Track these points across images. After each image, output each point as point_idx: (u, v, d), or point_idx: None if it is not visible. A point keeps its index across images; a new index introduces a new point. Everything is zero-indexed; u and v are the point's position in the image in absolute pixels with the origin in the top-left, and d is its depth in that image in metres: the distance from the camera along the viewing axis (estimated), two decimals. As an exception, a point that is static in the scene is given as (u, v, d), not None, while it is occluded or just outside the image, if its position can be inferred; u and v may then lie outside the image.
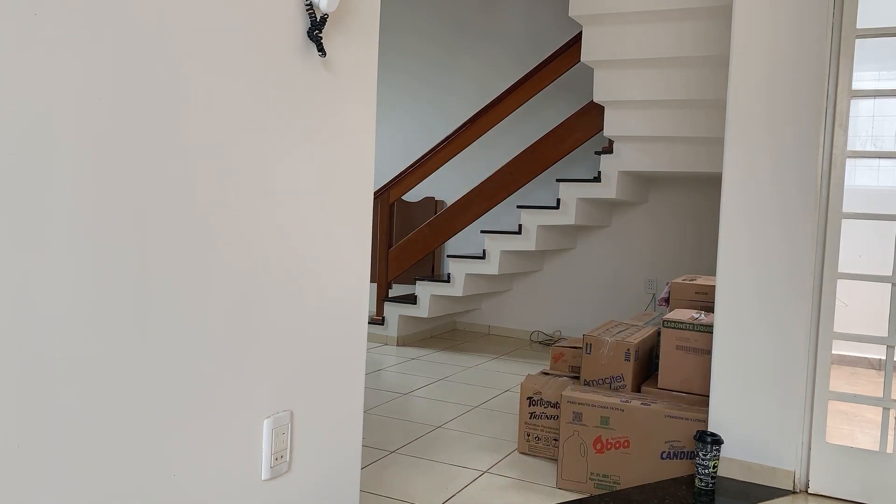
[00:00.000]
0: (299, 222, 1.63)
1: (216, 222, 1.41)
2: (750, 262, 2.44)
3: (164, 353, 1.32)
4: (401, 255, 5.05)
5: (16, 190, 1.06)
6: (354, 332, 1.86)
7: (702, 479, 2.29)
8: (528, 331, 5.44)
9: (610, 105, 4.27)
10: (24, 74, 1.06)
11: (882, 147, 4.63)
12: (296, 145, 1.60)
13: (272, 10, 1.51)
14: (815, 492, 2.39)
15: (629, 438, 2.42)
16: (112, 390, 1.23)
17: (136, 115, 1.23)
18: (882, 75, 4.59)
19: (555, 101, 5.40)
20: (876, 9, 3.12)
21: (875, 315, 4.42)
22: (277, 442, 1.61)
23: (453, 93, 5.79)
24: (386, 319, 4.99)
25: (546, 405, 2.76)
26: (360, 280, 1.86)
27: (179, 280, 1.34)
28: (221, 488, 1.48)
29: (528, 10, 5.49)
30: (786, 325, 2.39)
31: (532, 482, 2.53)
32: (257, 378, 1.55)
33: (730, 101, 2.46)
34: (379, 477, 2.53)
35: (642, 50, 4.01)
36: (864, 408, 3.41)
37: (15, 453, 1.09)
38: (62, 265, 1.13)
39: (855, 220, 4.14)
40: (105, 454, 1.23)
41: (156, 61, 1.26)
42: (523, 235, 4.75)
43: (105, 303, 1.20)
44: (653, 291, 5.04)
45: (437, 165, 4.92)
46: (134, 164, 1.24)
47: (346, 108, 1.76)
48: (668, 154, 4.27)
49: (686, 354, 2.62)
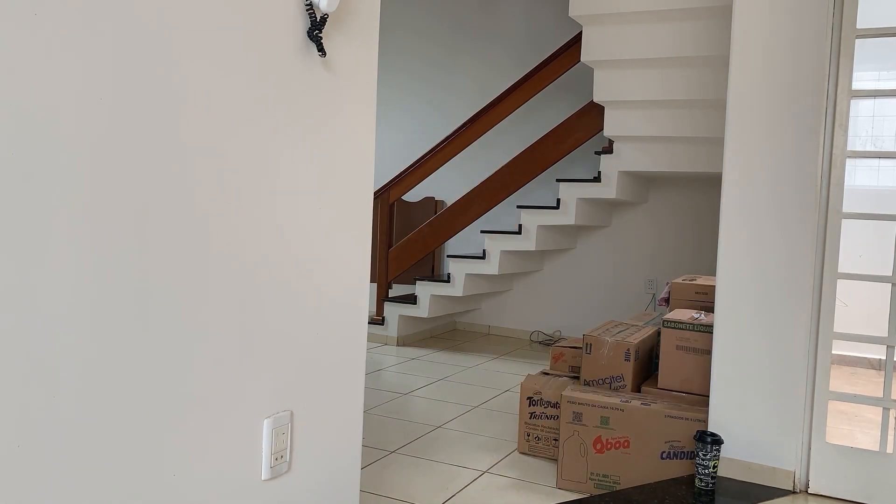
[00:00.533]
0: (299, 222, 1.63)
1: (216, 222, 1.41)
2: (750, 262, 2.44)
3: (163, 353, 1.32)
4: (401, 255, 5.05)
5: (16, 190, 1.06)
6: (354, 332, 1.86)
7: (702, 479, 2.29)
8: (528, 331, 5.44)
9: (610, 105, 4.27)
10: (24, 74, 1.06)
11: (882, 147, 4.63)
12: (295, 145, 1.60)
13: (272, 9, 1.51)
14: (815, 492, 2.39)
15: (629, 438, 2.42)
16: (112, 390, 1.23)
17: (135, 115, 1.23)
18: (882, 75, 4.59)
19: (555, 101, 5.40)
20: (876, 9, 3.12)
21: (875, 315, 4.42)
22: (277, 442, 1.61)
23: (453, 93, 5.79)
24: (386, 319, 4.99)
25: (546, 405, 2.76)
26: (360, 280, 1.86)
27: (179, 280, 1.34)
28: (221, 488, 1.48)
29: (528, 10, 5.49)
30: (786, 325, 2.39)
31: (532, 482, 2.53)
32: (257, 378, 1.55)
33: (730, 101, 2.46)
34: (379, 477, 2.53)
35: (642, 50, 4.01)
36: (864, 408, 3.41)
37: (15, 453, 1.09)
38: (62, 265, 1.13)
39: (855, 220, 4.14)
40: (105, 454, 1.23)
41: (155, 61, 1.26)
42: (523, 235, 4.75)
43: (105, 303, 1.21)
44: (653, 291, 5.04)
45: (437, 165, 4.92)
46: (134, 164, 1.24)
47: (346, 108, 1.76)
48: (668, 154, 4.27)
49: (686, 354, 2.62)
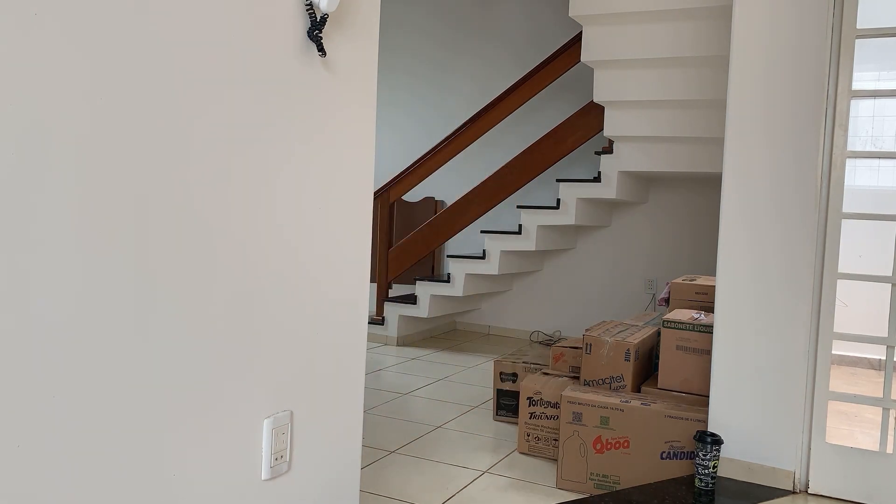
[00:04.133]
0: (299, 222, 1.63)
1: (216, 222, 1.41)
2: (750, 262, 2.44)
3: (163, 354, 1.32)
4: (401, 255, 5.05)
5: (17, 190, 1.06)
6: (354, 332, 1.86)
7: (702, 480, 2.29)
8: (528, 331, 5.44)
9: (610, 105, 4.27)
10: (24, 74, 1.06)
11: (882, 147, 4.63)
12: (295, 145, 1.60)
13: (272, 10, 1.51)
14: (815, 492, 2.39)
15: (629, 438, 2.42)
16: (112, 390, 1.23)
17: (135, 115, 1.23)
18: (882, 75, 4.59)
19: (555, 101, 5.40)
20: (876, 9, 3.12)
21: (875, 315, 4.42)
22: (277, 442, 1.61)
23: (453, 93, 5.79)
24: (386, 319, 4.99)
25: (546, 405, 2.76)
26: (361, 280, 1.86)
27: (179, 280, 1.34)
28: (221, 488, 1.48)
29: (528, 9, 5.49)
30: (786, 325, 2.39)
31: (532, 482, 2.53)
32: (257, 378, 1.55)
33: (729, 101, 2.46)
34: (379, 477, 2.53)
35: (642, 50, 4.01)
36: (864, 408, 3.41)
37: (15, 453, 1.09)
38: (62, 266, 1.13)
39: (855, 220, 4.15)
40: (105, 454, 1.23)
41: (155, 61, 1.26)
42: (523, 235, 4.75)
43: (105, 303, 1.21)
44: (653, 291, 5.04)
45: (437, 165, 4.92)
46: (134, 164, 1.24)
47: (346, 109, 1.76)
48: (668, 154, 4.27)
49: (686, 354, 2.62)
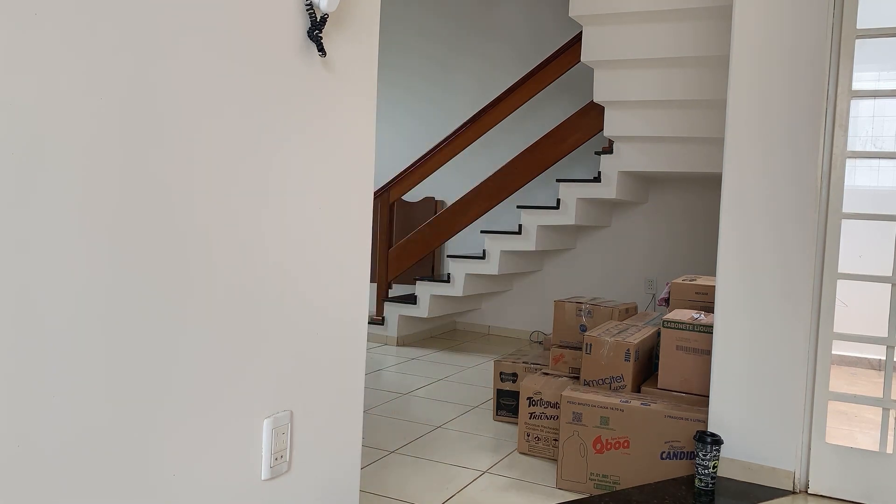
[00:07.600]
0: (301, 223, 1.63)
1: (216, 223, 1.41)
2: (750, 262, 2.44)
3: (163, 354, 1.32)
4: (401, 255, 5.05)
5: (17, 191, 1.06)
6: (354, 331, 1.86)
7: (702, 480, 2.29)
8: (528, 331, 5.44)
9: (610, 105, 4.27)
10: (23, 74, 1.06)
11: (882, 147, 4.63)
12: (296, 146, 1.60)
13: (272, 10, 1.51)
14: (815, 492, 2.39)
15: (629, 438, 2.42)
16: (112, 390, 1.23)
17: (135, 116, 1.23)
18: (882, 75, 4.59)
19: (555, 101, 5.40)
20: (876, 9, 3.12)
21: (875, 315, 4.42)
22: (277, 442, 1.61)
23: (454, 92, 5.79)
24: (386, 319, 4.99)
25: (546, 405, 2.76)
26: (360, 280, 1.86)
27: (179, 280, 1.34)
28: (221, 488, 1.48)
29: (528, 9, 5.49)
30: (786, 325, 2.39)
31: (532, 482, 2.53)
32: (257, 378, 1.55)
33: (729, 101, 2.46)
34: (379, 477, 2.53)
35: (642, 50, 4.00)
36: (864, 408, 3.41)
37: (15, 453, 1.09)
38: (63, 266, 1.13)
39: (855, 220, 4.14)
40: (105, 454, 1.23)
41: (155, 61, 1.26)
42: (523, 235, 4.75)
43: (105, 303, 1.21)
44: (653, 292, 5.04)
45: (437, 165, 4.92)
46: (135, 164, 1.24)
47: (346, 109, 1.76)
48: (668, 154, 4.27)
49: (686, 354, 2.62)
